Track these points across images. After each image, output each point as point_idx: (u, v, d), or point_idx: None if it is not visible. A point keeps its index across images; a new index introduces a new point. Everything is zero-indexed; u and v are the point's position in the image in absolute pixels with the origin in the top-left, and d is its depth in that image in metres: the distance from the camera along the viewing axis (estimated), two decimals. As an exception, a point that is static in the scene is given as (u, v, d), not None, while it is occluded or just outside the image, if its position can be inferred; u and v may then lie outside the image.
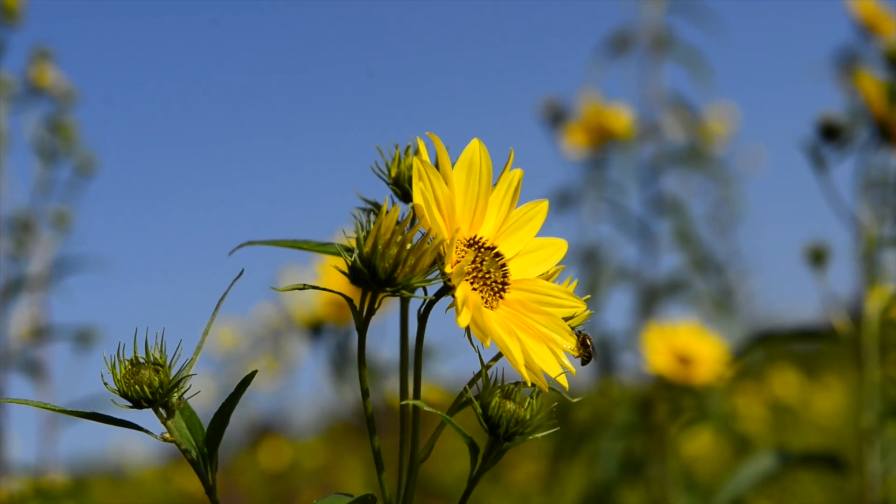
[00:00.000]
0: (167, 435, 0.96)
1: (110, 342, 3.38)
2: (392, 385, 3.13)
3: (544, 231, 1.04)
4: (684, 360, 2.86)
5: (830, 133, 2.31)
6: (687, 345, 2.89)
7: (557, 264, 1.04)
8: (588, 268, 3.78)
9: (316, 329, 3.24)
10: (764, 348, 2.46)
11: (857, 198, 2.31)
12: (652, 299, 3.60)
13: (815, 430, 5.41)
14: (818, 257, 2.42)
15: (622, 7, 3.90)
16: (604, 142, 3.83)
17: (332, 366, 3.27)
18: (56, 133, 3.48)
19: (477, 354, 0.96)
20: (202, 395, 6.61)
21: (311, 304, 3.16)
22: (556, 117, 3.94)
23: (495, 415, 0.94)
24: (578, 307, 1.01)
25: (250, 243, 1.02)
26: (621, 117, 3.83)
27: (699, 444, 4.44)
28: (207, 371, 6.41)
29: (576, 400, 1.02)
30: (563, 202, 3.81)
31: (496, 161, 0.99)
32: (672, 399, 2.96)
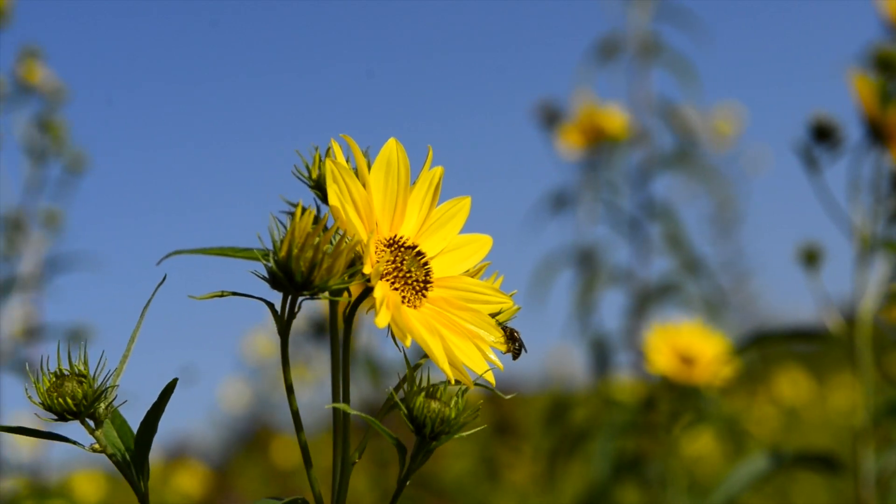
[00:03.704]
0: (96, 445, 0.96)
1: (102, 341, 3.38)
2: (394, 384, 3.10)
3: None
4: (687, 360, 2.84)
5: (822, 134, 2.30)
6: (689, 344, 2.87)
7: (483, 260, 1.03)
8: (583, 269, 3.78)
9: (319, 329, 3.25)
10: (758, 349, 2.45)
11: (850, 198, 2.30)
12: (645, 301, 3.60)
13: (823, 430, 5.37)
14: (811, 258, 2.40)
15: (609, 13, 3.92)
16: (599, 143, 3.84)
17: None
18: (46, 131, 3.49)
19: (403, 355, 0.96)
20: (235, 400, 6.61)
21: (315, 305, 3.18)
22: (551, 119, 3.95)
23: (420, 415, 0.94)
24: (505, 302, 1.01)
25: (178, 252, 1.03)
26: (616, 118, 3.84)
27: (700, 445, 4.42)
28: (241, 377, 6.44)
29: (508, 396, 1.02)
30: (558, 203, 3.82)
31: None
32: (674, 399, 2.94)
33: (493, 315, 1.00)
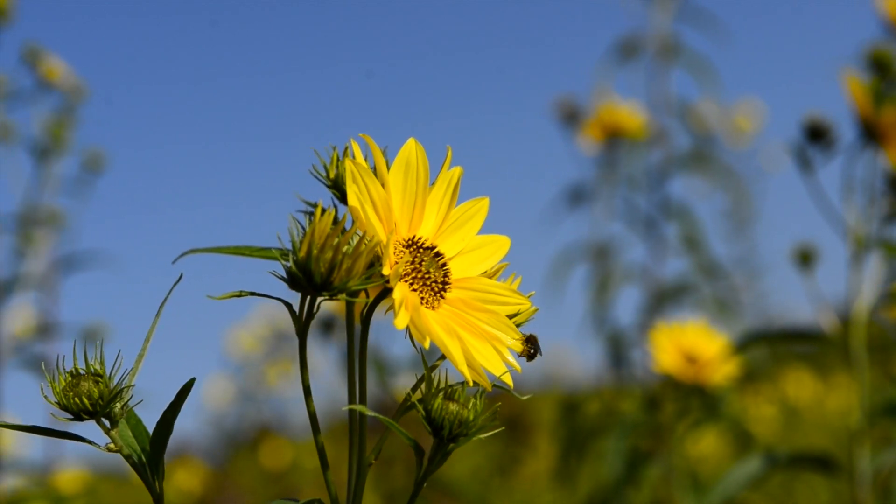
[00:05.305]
0: (111, 445, 0.96)
1: (117, 340, 3.38)
2: (403, 383, 3.11)
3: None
4: (692, 360, 2.85)
5: (816, 134, 2.30)
6: (695, 344, 2.87)
7: (501, 261, 1.03)
8: (599, 265, 3.79)
9: (327, 326, 3.22)
10: (757, 349, 2.45)
11: (845, 199, 2.30)
12: (659, 300, 3.61)
13: (824, 430, 5.38)
14: (805, 259, 2.41)
15: (630, 14, 3.93)
16: (617, 140, 3.87)
17: (345, 362, 3.21)
18: (64, 128, 3.48)
19: (420, 356, 0.96)
20: (220, 397, 6.61)
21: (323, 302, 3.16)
22: (570, 116, 3.98)
23: (438, 417, 0.94)
24: (523, 304, 1.00)
25: (193, 251, 1.02)
26: (634, 117, 3.87)
27: (704, 444, 4.43)
28: (225, 374, 6.43)
29: (525, 397, 1.01)
30: (575, 198, 3.83)
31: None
32: (679, 398, 2.95)
33: (510, 316, 0.99)
